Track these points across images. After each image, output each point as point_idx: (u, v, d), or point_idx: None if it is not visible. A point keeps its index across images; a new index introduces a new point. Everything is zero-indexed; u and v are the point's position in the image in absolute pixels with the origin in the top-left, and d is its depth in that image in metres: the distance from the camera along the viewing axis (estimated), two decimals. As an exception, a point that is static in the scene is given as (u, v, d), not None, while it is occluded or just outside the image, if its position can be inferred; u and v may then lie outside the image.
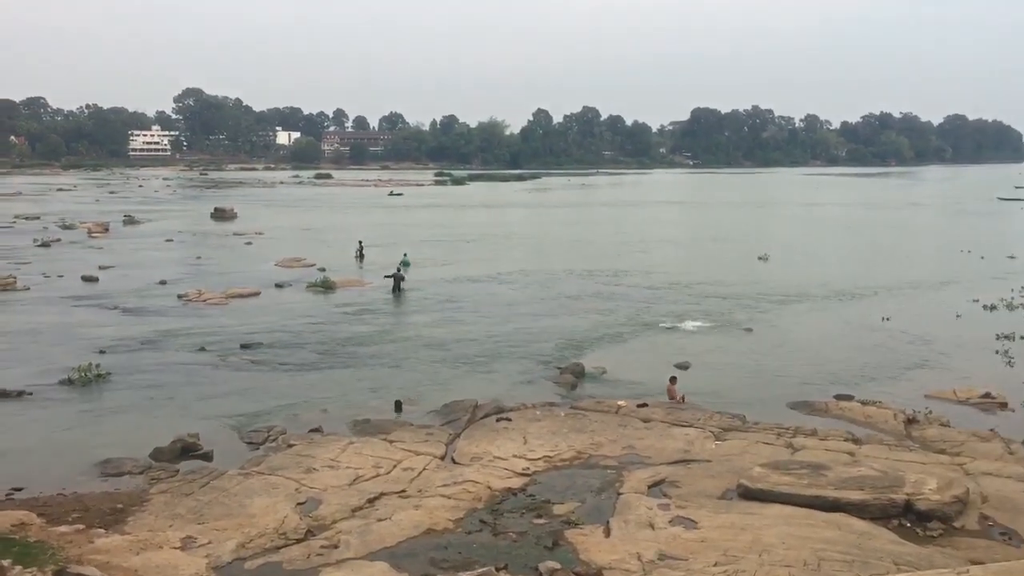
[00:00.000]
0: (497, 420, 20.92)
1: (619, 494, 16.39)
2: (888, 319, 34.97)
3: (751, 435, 19.94)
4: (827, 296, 40.73)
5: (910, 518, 15.15)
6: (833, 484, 15.98)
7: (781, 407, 23.18)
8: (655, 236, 68.90)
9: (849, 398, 23.74)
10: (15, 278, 42.23)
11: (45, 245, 57.76)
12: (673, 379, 24.12)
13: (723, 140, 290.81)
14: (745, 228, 77.72)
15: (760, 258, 53.76)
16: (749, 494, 16.02)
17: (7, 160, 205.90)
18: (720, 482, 16.91)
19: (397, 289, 40.15)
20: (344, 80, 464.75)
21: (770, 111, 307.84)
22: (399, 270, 41.93)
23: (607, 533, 14.58)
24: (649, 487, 16.76)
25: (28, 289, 40.49)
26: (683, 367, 26.63)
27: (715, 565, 13.20)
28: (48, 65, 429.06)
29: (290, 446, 19.08)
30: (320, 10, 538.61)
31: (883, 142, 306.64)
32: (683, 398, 23.22)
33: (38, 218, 76.80)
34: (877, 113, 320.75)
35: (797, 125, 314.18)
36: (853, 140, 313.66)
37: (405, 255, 48.87)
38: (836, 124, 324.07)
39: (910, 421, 21.52)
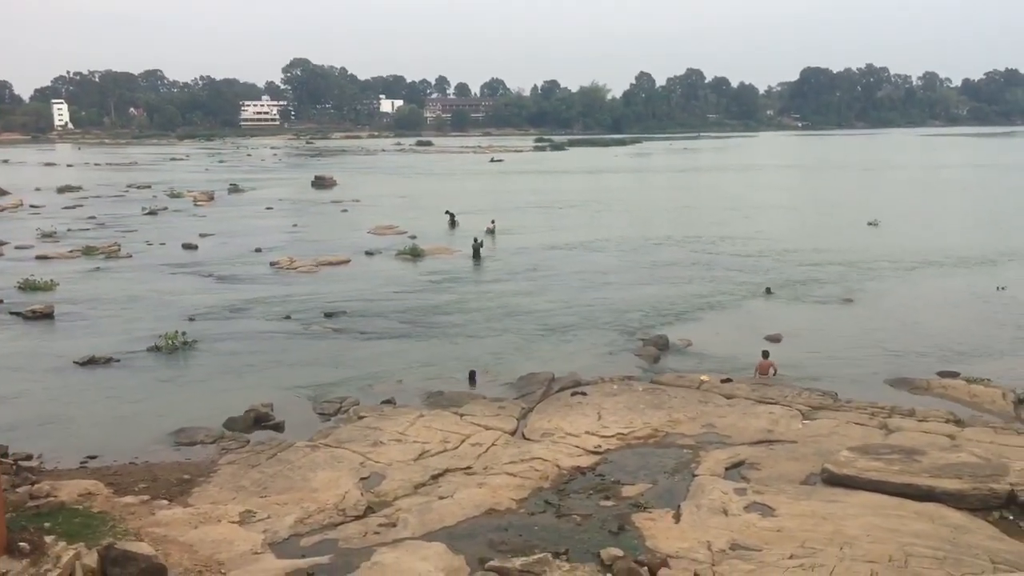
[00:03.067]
0: (572, 394, 20.25)
1: (694, 476, 15.57)
2: (1004, 288, 32.72)
3: (842, 414, 18.74)
4: (937, 264, 38.42)
5: (1013, 511, 13.91)
6: (928, 471, 14.78)
7: (878, 384, 21.80)
8: (759, 202, 66.48)
9: (954, 375, 22.14)
10: (119, 246, 43.73)
11: (152, 213, 59.62)
12: (765, 353, 22.77)
13: (834, 100, 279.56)
14: (856, 193, 74.45)
15: (870, 224, 51.16)
16: (834, 480, 14.95)
17: (127, 132, 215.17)
18: (803, 466, 15.85)
19: (477, 256, 39.85)
20: (446, 47, 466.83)
21: (885, 69, 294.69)
22: (476, 239, 41.44)
23: (677, 518, 13.81)
24: (726, 469, 15.87)
25: (131, 256, 41.76)
26: (775, 340, 25.37)
27: (790, 558, 12.28)
28: (165, 38, 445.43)
29: (360, 418, 18.88)
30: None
31: (1008, 100, 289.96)
32: (774, 371, 22.04)
33: (149, 187, 79.57)
34: (1002, 69, 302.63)
35: (914, 83, 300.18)
36: (975, 98, 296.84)
37: (493, 222, 48.46)
38: (957, 81, 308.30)
39: (1021, 401, 19.94)
